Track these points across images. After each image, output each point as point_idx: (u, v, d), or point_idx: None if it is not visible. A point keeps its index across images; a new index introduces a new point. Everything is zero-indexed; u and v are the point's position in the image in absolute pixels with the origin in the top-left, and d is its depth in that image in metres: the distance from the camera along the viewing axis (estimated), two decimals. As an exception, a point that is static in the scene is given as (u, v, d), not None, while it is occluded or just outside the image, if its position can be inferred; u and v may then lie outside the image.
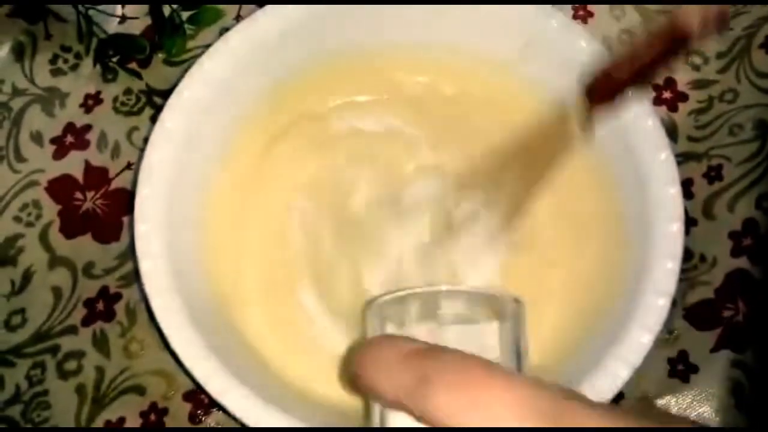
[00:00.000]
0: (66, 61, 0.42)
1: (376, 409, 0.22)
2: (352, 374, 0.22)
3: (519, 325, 0.24)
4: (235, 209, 0.36)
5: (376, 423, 0.22)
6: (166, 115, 0.34)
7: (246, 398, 0.30)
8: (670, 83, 0.40)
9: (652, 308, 0.31)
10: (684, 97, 0.40)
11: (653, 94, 0.40)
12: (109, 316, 0.38)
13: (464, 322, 0.24)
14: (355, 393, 0.30)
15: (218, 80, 0.35)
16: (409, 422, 0.20)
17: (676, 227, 0.32)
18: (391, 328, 0.24)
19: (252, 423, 0.30)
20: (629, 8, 0.42)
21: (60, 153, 0.40)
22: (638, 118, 0.34)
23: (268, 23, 0.35)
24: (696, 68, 0.41)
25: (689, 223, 0.38)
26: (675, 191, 0.33)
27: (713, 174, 0.39)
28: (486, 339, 0.23)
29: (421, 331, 0.23)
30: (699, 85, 0.40)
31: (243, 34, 0.35)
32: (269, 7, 0.35)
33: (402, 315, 0.24)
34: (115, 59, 0.42)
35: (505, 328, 0.24)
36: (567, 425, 0.17)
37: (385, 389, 0.20)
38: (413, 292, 0.24)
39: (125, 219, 0.39)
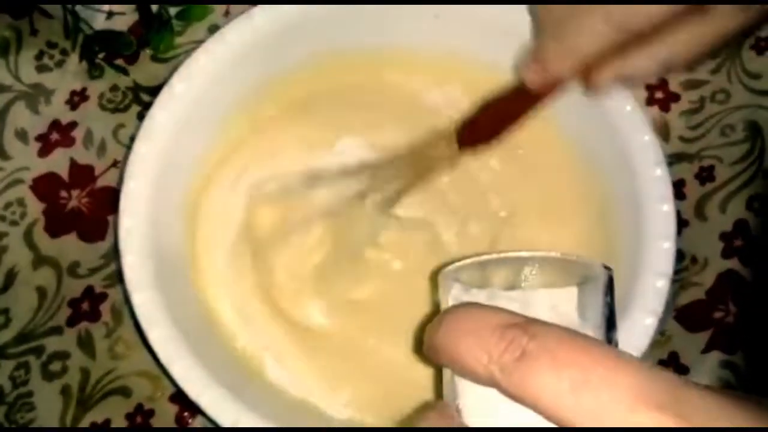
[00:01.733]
0: (52, 57, 0.41)
1: (453, 383, 0.20)
2: (430, 345, 0.20)
3: (611, 293, 0.21)
4: (222, 206, 0.36)
5: (450, 398, 0.20)
6: (156, 109, 0.33)
7: (222, 400, 0.29)
8: (663, 84, 0.40)
9: (651, 290, 0.31)
10: (676, 98, 0.40)
11: (645, 94, 0.40)
12: (94, 316, 0.37)
13: (540, 288, 0.21)
14: (429, 364, 0.28)
15: (211, 76, 0.34)
16: (493, 398, 0.18)
17: (667, 207, 0.32)
18: (468, 297, 0.22)
19: (227, 425, 0.29)
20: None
21: (45, 150, 0.40)
22: (618, 103, 0.33)
23: (265, 20, 0.35)
24: (688, 69, 0.41)
25: (681, 224, 0.38)
26: (661, 172, 0.32)
27: (705, 175, 0.39)
28: (565, 308, 0.21)
29: (500, 301, 0.21)
30: (691, 85, 0.40)
31: (240, 30, 0.34)
32: (266, 6, 0.35)
33: (479, 282, 0.22)
34: (101, 55, 0.41)
35: (592, 298, 0.21)
36: (686, 417, 0.15)
37: (475, 362, 0.18)
38: (491, 257, 0.22)
39: (111, 218, 0.38)
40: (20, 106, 0.40)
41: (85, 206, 0.39)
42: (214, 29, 0.38)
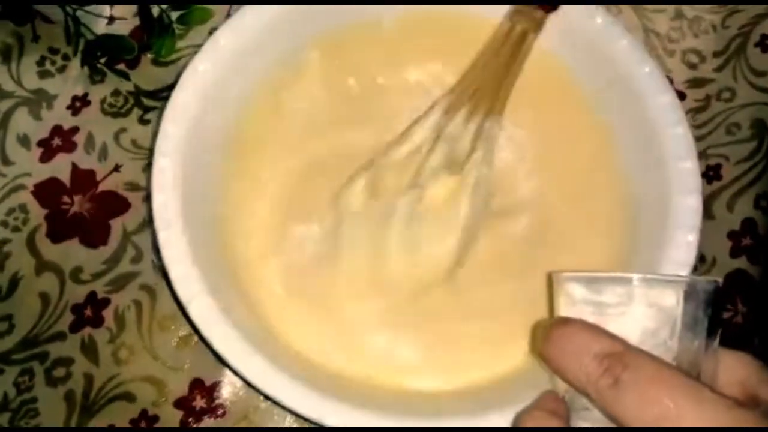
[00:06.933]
0: (53, 62, 0.41)
1: (561, 386, 0.25)
2: (540, 351, 0.24)
3: (716, 304, 0.24)
4: (250, 183, 0.36)
5: (558, 388, 0.25)
6: (167, 122, 0.33)
7: (262, 367, 0.30)
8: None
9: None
10: (681, 96, 0.40)
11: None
12: (97, 322, 0.37)
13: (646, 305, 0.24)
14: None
15: (231, 57, 0.34)
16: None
17: (694, 200, 0.32)
18: (580, 307, 0.25)
19: (266, 389, 0.30)
20: (626, 6, 0.41)
21: (47, 156, 0.40)
22: (656, 96, 0.33)
23: (263, 17, 0.35)
24: (693, 67, 0.40)
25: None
26: (691, 165, 0.32)
27: (712, 173, 0.38)
28: (666, 306, 0.24)
29: (606, 292, 0.24)
30: (696, 83, 0.40)
31: (240, 29, 0.35)
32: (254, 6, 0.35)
33: (591, 295, 0.25)
34: (102, 60, 0.41)
35: (697, 314, 0.24)
36: None
37: (575, 379, 0.22)
38: (605, 276, 0.24)
39: (113, 222, 0.38)
40: (22, 111, 0.40)
41: (87, 211, 0.39)
42: (215, 32, 0.38)
